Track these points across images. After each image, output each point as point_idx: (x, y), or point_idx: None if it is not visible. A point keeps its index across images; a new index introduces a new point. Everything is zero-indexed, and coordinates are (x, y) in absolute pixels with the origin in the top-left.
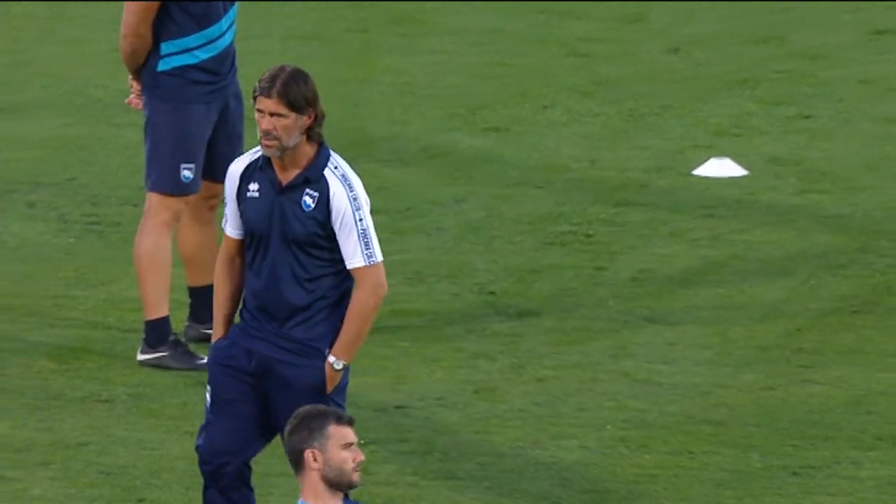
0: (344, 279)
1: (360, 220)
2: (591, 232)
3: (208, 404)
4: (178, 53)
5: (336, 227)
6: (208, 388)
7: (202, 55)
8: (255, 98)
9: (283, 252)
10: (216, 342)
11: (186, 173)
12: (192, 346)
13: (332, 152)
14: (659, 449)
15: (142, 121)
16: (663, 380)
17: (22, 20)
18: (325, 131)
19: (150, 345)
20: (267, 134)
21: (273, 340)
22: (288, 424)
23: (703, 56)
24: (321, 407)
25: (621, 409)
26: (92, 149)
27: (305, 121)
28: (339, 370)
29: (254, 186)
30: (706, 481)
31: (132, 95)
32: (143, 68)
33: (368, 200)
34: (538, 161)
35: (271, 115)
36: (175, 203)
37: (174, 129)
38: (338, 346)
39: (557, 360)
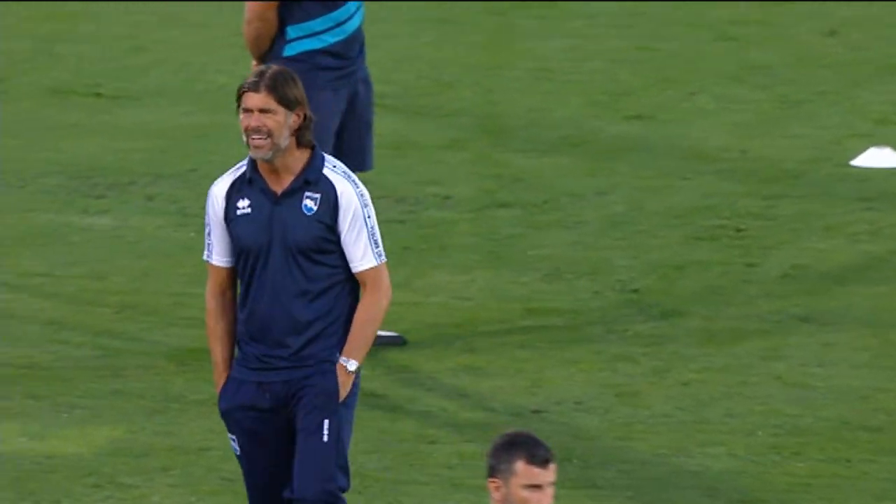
0: (351, 289)
1: (369, 217)
2: (741, 226)
3: (237, 453)
4: (305, 38)
5: (343, 228)
6: (232, 437)
7: (330, 39)
8: (239, 97)
9: (286, 264)
10: (224, 387)
11: None
12: None
13: (325, 155)
14: (813, 456)
15: None
16: (818, 383)
17: (140, 4)
18: (460, 119)
19: None
20: (257, 131)
21: (281, 366)
22: (492, 440)
23: (861, 38)
24: (520, 435)
25: (773, 414)
26: (214, 138)
27: (295, 120)
28: (352, 372)
29: (243, 203)
30: (864, 491)
31: None
32: (268, 54)
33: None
34: (685, 151)
35: (260, 111)
36: None
37: None
38: (349, 347)
39: (704, 362)
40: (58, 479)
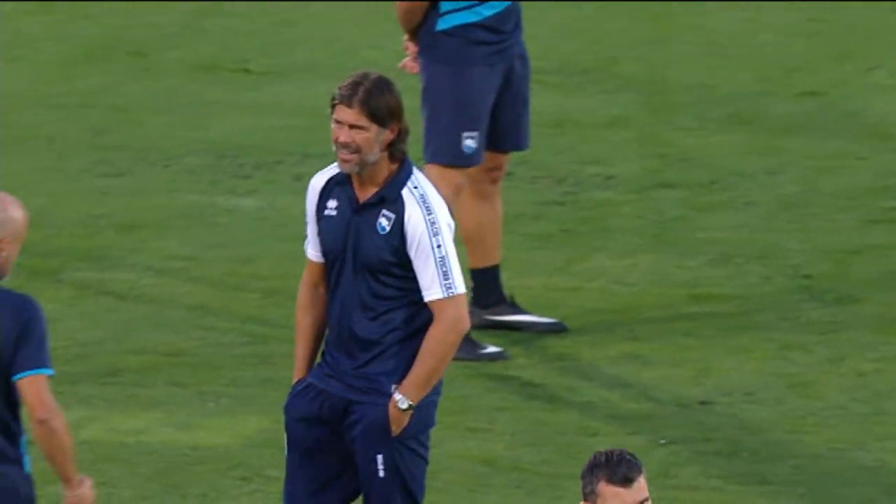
0: (420, 311)
1: (438, 246)
2: None
3: (285, 453)
4: (459, 10)
5: (412, 254)
6: (285, 436)
7: (485, 11)
8: (332, 106)
9: (354, 279)
10: (294, 384)
11: (469, 143)
12: (474, 334)
13: (415, 169)
14: None
15: (419, 86)
16: None
17: None
18: (623, 95)
19: None
20: (346, 147)
21: (345, 380)
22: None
23: None
24: (603, 455)
25: None
26: None
27: (388, 135)
28: (405, 410)
29: (332, 203)
30: None
31: (407, 58)
32: (421, 28)
33: (452, 224)
34: (861, 129)
35: (351, 126)
36: (456, 176)
37: (454, 94)
38: (406, 383)
39: (882, 351)
40: (204, 472)
